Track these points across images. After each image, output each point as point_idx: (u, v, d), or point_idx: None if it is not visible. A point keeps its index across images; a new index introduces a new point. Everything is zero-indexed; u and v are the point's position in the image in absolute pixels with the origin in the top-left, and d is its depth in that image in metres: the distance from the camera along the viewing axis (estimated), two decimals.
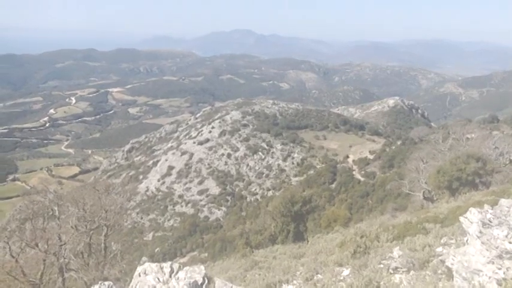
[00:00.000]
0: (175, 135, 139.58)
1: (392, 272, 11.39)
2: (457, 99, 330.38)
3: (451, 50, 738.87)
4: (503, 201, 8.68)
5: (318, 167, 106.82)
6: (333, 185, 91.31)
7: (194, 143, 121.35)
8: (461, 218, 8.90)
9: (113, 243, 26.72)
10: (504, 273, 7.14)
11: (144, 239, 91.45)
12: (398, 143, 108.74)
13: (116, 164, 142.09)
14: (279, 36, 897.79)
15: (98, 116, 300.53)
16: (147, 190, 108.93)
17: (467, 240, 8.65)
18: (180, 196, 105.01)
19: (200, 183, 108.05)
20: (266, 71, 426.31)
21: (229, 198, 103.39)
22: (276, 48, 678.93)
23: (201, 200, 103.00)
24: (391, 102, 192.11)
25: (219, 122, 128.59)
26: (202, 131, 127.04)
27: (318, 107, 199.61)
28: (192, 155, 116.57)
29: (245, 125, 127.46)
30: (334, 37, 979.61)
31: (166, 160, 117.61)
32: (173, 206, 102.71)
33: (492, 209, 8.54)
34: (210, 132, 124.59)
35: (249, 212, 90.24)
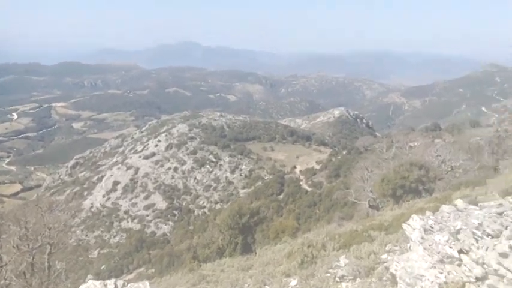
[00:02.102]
0: (121, 149, 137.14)
1: (338, 280, 11.45)
2: (401, 109, 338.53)
3: (395, 61, 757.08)
4: (444, 207, 8.85)
5: (265, 178, 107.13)
6: (281, 196, 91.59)
7: (140, 157, 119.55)
8: (404, 225, 9.03)
9: (57, 262, 25.89)
10: (445, 277, 7.25)
11: (90, 256, 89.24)
12: (344, 152, 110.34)
13: (59, 181, 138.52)
14: (226, 48, 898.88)
15: (40, 132, 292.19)
16: (92, 206, 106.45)
17: (410, 247, 8.77)
18: (126, 212, 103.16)
19: (146, 198, 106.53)
20: (213, 83, 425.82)
21: (176, 212, 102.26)
22: (223, 61, 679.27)
23: (147, 215, 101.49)
24: (336, 112, 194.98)
25: (166, 136, 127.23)
26: (148, 144, 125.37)
27: (265, 119, 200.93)
28: (137, 169, 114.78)
29: (192, 138, 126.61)
30: (280, 49, 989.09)
31: (111, 175, 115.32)
32: (119, 222, 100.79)
33: (434, 215, 8.69)
34: (156, 145, 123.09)
35: (196, 225, 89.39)
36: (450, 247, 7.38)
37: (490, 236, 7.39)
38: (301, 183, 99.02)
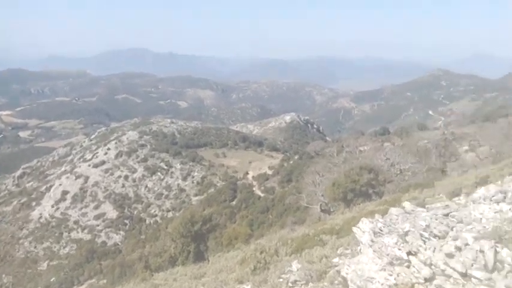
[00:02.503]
0: (69, 158, 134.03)
1: (291, 285, 11.47)
2: (350, 114, 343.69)
3: (344, 66, 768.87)
4: (393, 210, 8.99)
5: (218, 185, 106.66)
6: (234, 202, 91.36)
7: (89, 165, 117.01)
8: (354, 229, 9.13)
9: (4, 275, 25.15)
10: (395, 279, 7.35)
11: (39, 268, 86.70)
12: (296, 157, 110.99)
13: (6, 191, 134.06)
14: (177, 54, 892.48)
15: None
16: (41, 217, 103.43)
17: (360, 250, 8.87)
18: (76, 222, 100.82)
19: (96, 207, 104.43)
20: (164, 89, 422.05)
21: (127, 221, 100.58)
22: (173, 67, 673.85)
23: (97, 225, 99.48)
24: (287, 118, 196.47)
25: (115, 143, 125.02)
26: (97, 153, 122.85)
27: (217, 125, 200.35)
28: (87, 178, 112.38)
29: (143, 145, 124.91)
30: (232, 54, 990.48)
31: (60, 185, 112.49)
32: (68, 233, 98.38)
33: (383, 218, 8.81)
34: (105, 154, 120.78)
35: (148, 234, 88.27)
36: (399, 249, 7.48)
37: (437, 237, 7.54)
38: (254, 189, 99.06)
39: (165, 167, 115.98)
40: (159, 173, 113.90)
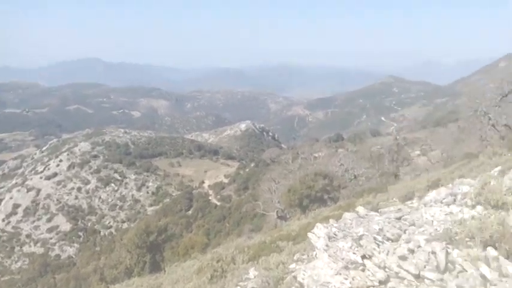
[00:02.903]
0: (20, 171, 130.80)
1: None
2: (305, 121, 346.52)
3: (297, 74, 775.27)
4: (347, 215, 9.09)
5: (173, 194, 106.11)
6: (190, 212, 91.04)
7: (41, 178, 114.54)
8: (309, 234, 9.17)
9: None
10: (350, 282, 7.40)
11: None
12: (252, 165, 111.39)
13: None
14: (129, 64, 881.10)
15: None
16: None
17: (316, 255, 8.92)
18: (28, 235, 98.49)
19: (49, 220, 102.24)
20: (116, 99, 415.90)
21: (81, 233, 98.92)
22: (126, 76, 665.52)
23: (51, 238, 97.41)
24: (243, 126, 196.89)
25: (67, 155, 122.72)
26: (49, 164, 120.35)
27: (171, 134, 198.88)
28: (39, 191, 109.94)
29: (95, 156, 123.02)
30: (185, 64, 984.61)
31: (11, 198, 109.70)
32: (21, 247, 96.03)
33: (337, 223, 8.89)
34: (57, 165, 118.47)
35: (103, 246, 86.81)
36: (354, 253, 7.55)
37: (390, 240, 7.65)
38: (210, 197, 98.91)
39: (119, 178, 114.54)
40: (112, 184, 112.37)
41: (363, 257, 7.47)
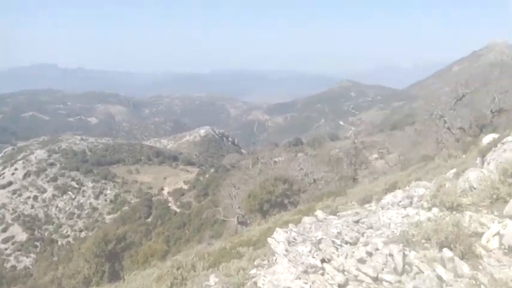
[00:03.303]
0: None
1: None
2: (264, 126, 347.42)
3: (256, 79, 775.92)
4: (306, 219, 9.13)
5: (132, 202, 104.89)
6: (149, 219, 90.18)
7: None
8: (269, 239, 9.18)
9: None
10: (310, 286, 7.43)
11: None
12: (212, 171, 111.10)
13: None
14: (86, 69, 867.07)
15: None
16: None
17: (276, 260, 8.93)
18: None
19: (4, 230, 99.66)
20: (73, 105, 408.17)
21: (38, 243, 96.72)
22: (83, 82, 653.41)
23: (6, 249, 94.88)
24: (202, 131, 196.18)
25: (23, 163, 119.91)
26: (4, 173, 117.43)
27: (129, 141, 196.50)
28: None
29: (52, 164, 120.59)
30: (143, 69, 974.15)
31: None
32: None
33: (296, 228, 8.92)
34: (12, 174, 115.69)
35: (61, 256, 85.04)
36: (313, 257, 7.58)
37: (348, 244, 7.72)
38: (169, 204, 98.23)
39: (76, 186, 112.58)
40: (70, 192, 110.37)
41: (322, 260, 7.50)
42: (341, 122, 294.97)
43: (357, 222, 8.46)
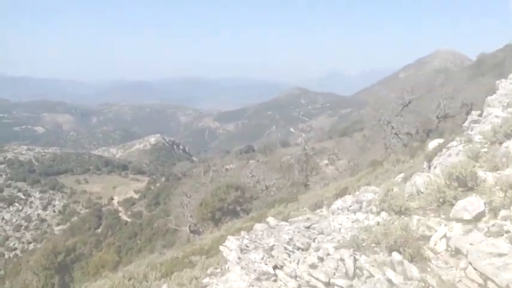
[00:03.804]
0: None
1: None
2: (215, 133, 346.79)
3: (207, 86, 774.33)
4: (258, 226, 9.16)
5: (81, 212, 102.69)
6: (99, 230, 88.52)
7: None
8: (221, 247, 9.16)
9: None
10: None
11: None
12: (163, 179, 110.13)
13: None
14: (32, 78, 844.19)
15: None
16: None
17: (228, 268, 8.91)
18: None
19: None
20: (18, 115, 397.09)
21: None
22: (29, 91, 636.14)
23: None
24: (152, 140, 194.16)
25: None
26: None
27: (77, 150, 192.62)
28: None
29: None
30: (91, 77, 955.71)
31: None
32: None
33: (248, 235, 8.94)
34: None
35: (8, 270, 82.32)
36: (265, 264, 7.60)
37: (300, 250, 7.78)
38: (120, 214, 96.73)
39: (23, 197, 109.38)
40: (16, 204, 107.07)
41: (275, 267, 7.53)
42: (292, 129, 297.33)
43: (308, 228, 8.54)
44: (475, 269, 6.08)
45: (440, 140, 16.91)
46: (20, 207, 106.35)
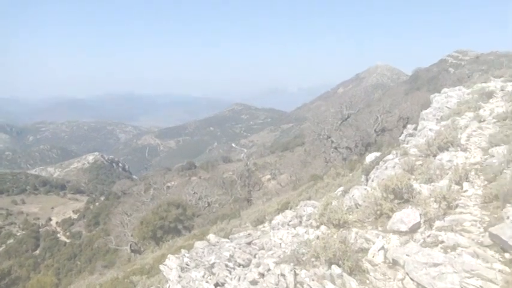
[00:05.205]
0: None
1: None
2: (156, 150, 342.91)
3: (145, 103, 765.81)
4: (198, 244, 9.08)
5: (18, 234, 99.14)
6: (37, 252, 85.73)
7: None
8: (161, 266, 9.02)
9: None
10: None
11: None
12: (102, 199, 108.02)
13: None
14: None
15: None
16: None
17: (169, 287, 8.77)
18: None
19: None
20: None
21: None
22: None
23: None
24: (90, 158, 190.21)
25: None
26: None
27: (13, 170, 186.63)
28: None
29: None
30: (27, 95, 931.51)
31: None
32: None
33: (189, 253, 8.84)
34: None
35: None
36: (207, 282, 7.53)
37: (241, 266, 7.75)
38: (58, 235, 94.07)
39: None
40: None
41: (216, 285, 7.47)
42: (233, 145, 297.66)
43: (249, 243, 8.52)
44: (411, 279, 6.20)
45: (378, 153, 17.29)
46: None
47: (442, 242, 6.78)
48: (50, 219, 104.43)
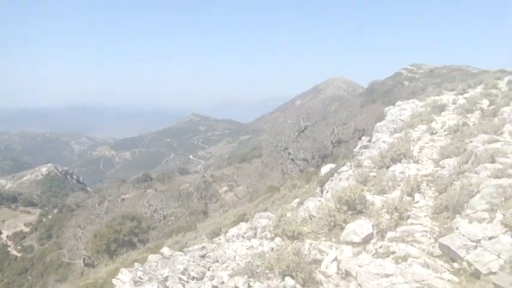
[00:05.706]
0: None
1: None
2: (111, 161, 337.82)
3: (99, 114, 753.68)
4: (151, 257, 8.95)
5: None
6: None
7: None
8: (114, 280, 8.84)
9: None
10: None
11: None
12: (55, 211, 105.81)
13: None
14: None
15: None
16: None
17: None
18: None
19: None
20: None
21: None
22: None
23: None
24: (44, 170, 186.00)
25: None
26: None
27: None
28: None
29: None
30: None
31: None
32: None
33: (142, 266, 8.71)
34: None
35: None
36: None
37: (195, 279, 7.67)
38: (9, 249, 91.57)
39: None
40: None
41: None
42: (191, 156, 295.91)
43: (203, 256, 8.46)
44: None
45: (333, 165, 17.46)
46: None
47: (394, 252, 6.87)
48: (0, 233, 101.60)
